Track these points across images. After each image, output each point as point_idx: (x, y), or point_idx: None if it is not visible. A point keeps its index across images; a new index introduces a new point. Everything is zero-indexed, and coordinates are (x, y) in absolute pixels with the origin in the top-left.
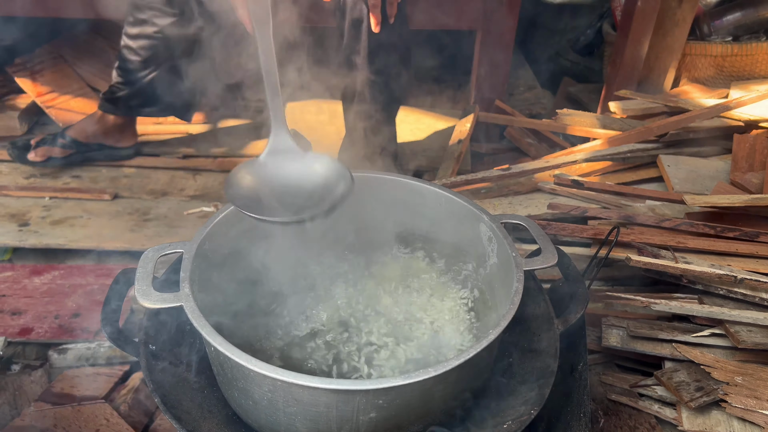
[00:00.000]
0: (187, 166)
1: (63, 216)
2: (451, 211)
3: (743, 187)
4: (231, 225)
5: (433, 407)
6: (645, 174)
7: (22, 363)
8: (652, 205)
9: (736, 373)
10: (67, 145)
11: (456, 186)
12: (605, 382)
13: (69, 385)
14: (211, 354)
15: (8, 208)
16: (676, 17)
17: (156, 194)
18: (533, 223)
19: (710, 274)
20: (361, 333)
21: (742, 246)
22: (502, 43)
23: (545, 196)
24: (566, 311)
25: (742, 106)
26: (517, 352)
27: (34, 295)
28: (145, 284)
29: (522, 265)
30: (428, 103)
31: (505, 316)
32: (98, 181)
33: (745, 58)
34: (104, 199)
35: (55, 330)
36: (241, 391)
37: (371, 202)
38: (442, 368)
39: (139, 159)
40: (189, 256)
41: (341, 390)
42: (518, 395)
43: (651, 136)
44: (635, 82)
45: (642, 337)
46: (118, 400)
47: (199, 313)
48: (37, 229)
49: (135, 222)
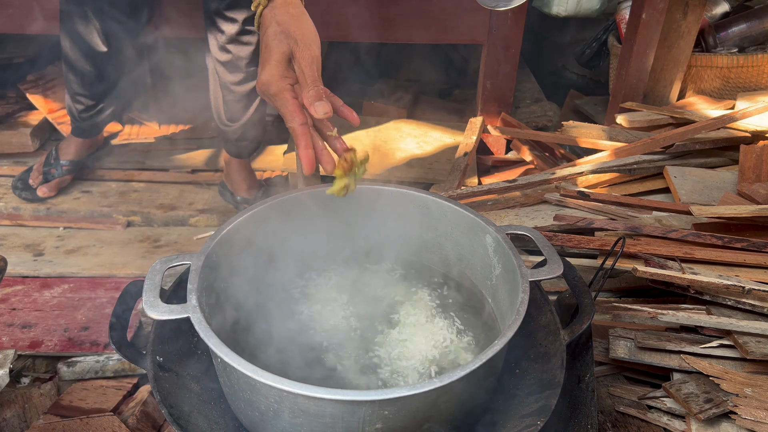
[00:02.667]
0: (196, 180)
1: (77, 245)
2: (456, 222)
3: (750, 197)
4: (238, 237)
5: (439, 418)
6: (651, 185)
7: (32, 376)
8: (658, 216)
9: (746, 384)
10: (70, 169)
11: (462, 198)
12: (613, 393)
13: (78, 397)
14: (218, 365)
15: (23, 238)
16: (681, 29)
17: (165, 208)
18: (539, 234)
19: (718, 285)
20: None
21: (750, 256)
22: (508, 56)
23: (551, 208)
24: (572, 322)
25: (748, 116)
26: (523, 363)
27: (45, 309)
28: (153, 296)
29: (527, 276)
30: (435, 116)
31: (511, 327)
32: (108, 195)
33: (751, 69)
34: (117, 229)
35: (65, 343)
36: (248, 403)
37: (376, 214)
38: (448, 379)
39: (148, 173)
40: (196, 268)
41: (347, 401)
42: (524, 406)
43: (657, 148)
44: (641, 94)
45: (650, 348)
46: (126, 412)
47: (206, 324)
48: (51, 259)
49: (146, 249)
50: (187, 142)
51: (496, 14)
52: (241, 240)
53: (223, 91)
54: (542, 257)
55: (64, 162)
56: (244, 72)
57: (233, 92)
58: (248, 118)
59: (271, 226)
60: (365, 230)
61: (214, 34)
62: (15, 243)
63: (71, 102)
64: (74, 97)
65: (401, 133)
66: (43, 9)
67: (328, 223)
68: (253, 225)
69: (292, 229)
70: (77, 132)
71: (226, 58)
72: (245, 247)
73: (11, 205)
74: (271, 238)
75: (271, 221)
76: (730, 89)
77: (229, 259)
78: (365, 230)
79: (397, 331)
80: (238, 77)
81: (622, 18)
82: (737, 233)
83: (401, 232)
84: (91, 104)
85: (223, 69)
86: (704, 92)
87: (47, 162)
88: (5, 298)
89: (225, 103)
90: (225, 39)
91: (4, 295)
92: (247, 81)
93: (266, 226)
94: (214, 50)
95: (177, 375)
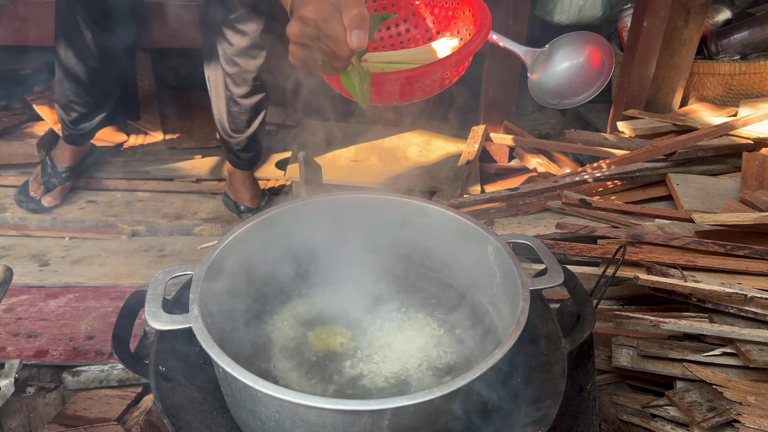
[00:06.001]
0: (200, 189)
1: (82, 255)
2: (457, 231)
3: (753, 205)
4: (241, 246)
5: (439, 427)
6: (654, 193)
7: (37, 385)
8: (661, 224)
9: (749, 392)
10: (69, 175)
11: (464, 206)
12: (617, 402)
13: (82, 407)
14: (219, 375)
15: (29, 248)
16: (683, 37)
17: (170, 217)
18: (539, 243)
19: (720, 293)
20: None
21: (753, 264)
22: (510, 64)
23: (554, 216)
24: (574, 330)
25: (751, 124)
26: (525, 372)
27: (50, 318)
28: (155, 306)
29: (528, 285)
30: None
31: (511, 335)
32: (113, 205)
33: (754, 76)
34: (122, 239)
35: (70, 352)
36: (249, 412)
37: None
38: (448, 388)
39: (152, 183)
40: (198, 278)
41: (348, 410)
42: (526, 415)
43: (659, 155)
44: (643, 102)
45: (652, 356)
46: (130, 422)
47: (208, 334)
48: (56, 269)
49: (151, 258)
50: (191, 152)
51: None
52: (244, 249)
53: (229, 102)
54: (544, 265)
55: (62, 170)
56: (250, 85)
57: (239, 104)
58: (253, 130)
59: (274, 235)
60: (367, 238)
61: (221, 46)
62: (21, 253)
63: (62, 111)
64: (68, 105)
65: (404, 142)
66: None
67: (331, 231)
68: (256, 234)
69: (294, 237)
70: (69, 139)
71: (233, 71)
72: (248, 256)
73: (18, 216)
74: (274, 247)
75: (274, 230)
76: (732, 96)
77: (232, 268)
78: (367, 238)
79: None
80: (245, 90)
81: (624, 26)
82: (740, 241)
83: (402, 241)
84: (83, 113)
85: (230, 81)
86: (706, 99)
87: (44, 172)
88: (11, 307)
89: (230, 115)
90: (234, 51)
91: (10, 305)
92: (253, 94)
93: (269, 235)
94: (222, 62)
95: (179, 384)
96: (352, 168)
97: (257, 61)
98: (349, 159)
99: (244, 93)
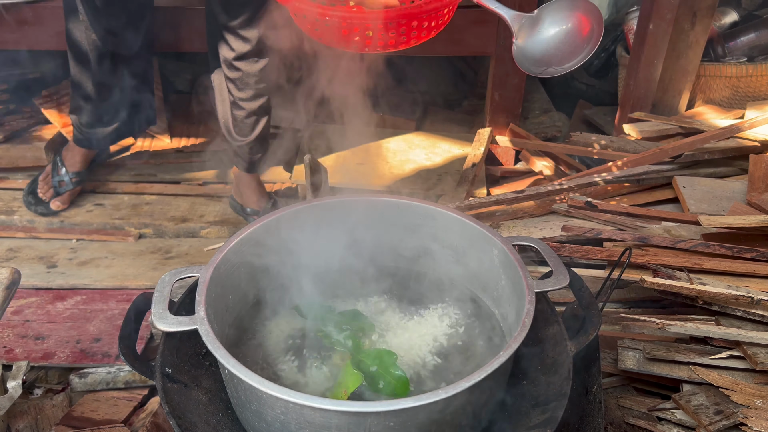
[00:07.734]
0: (206, 192)
1: (89, 257)
2: (463, 233)
3: (760, 207)
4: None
5: (444, 429)
6: (660, 195)
7: (45, 387)
8: (667, 227)
9: (756, 395)
10: (78, 180)
11: (470, 209)
12: (623, 405)
13: (89, 408)
14: (225, 376)
15: (37, 250)
16: (689, 39)
17: (177, 220)
18: (545, 245)
19: (726, 296)
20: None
21: (759, 267)
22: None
23: (560, 219)
24: (579, 333)
25: (758, 126)
26: (530, 374)
27: (57, 320)
28: (162, 308)
29: (533, 287)
30: (444, 127)
31: (516, 338)
32: (120, 208)
33: (761, 78)
34: (129, 241)
35: (77, 354)
36: (255, 414)
37: (384, 225)
38: (453, 390)
39: (159, 186)
40: (204, 280)
41: (353, 412)
42: (531, 417)
43: (666, 158)
44: (650, 104)
45: (659, 359)
46: (137, 423)
47: (214, 336)
48: (64, 271)
49: (158, 260)
50: (197, 155)
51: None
52: (250, 251)
53: (233, 107)
54: (549, 268)
55: (72, 174)
56: (253, 89)
57: (243, 108)
58: (257, 133)
59: (279, 238)
60: (373, 241)
61: (223, 51)
62: (29, 255)
63: (74, 113)
64: (78, 106)
65: (410, 145)
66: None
67: (337, 233)
68: (262, 236)
69: (300, 240)
70: (78, 142)
71: (235, 75)
72: (254, 258)
73: (26, 218)
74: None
75: (280, 233)
76: (739, 99)
77: (238, 270)
78: (373, 241)
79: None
80: (248, 94)
81: (630, 28)
82: (746, 243)
83: (408, 243)
84: (94, 117)
85: (232, 85)
86: (713, 102)
87: (54, 173)
88: (19, 309)
89: (234, 119)
90: (235, 56)
91: (18, 307)
92: (256, 98)
93: (275, 237)
94: (223, 66)
95: (185, 386)
96: (357, 171)
97: (259, 66)
98: (355, 162)
99: (247, 97)
